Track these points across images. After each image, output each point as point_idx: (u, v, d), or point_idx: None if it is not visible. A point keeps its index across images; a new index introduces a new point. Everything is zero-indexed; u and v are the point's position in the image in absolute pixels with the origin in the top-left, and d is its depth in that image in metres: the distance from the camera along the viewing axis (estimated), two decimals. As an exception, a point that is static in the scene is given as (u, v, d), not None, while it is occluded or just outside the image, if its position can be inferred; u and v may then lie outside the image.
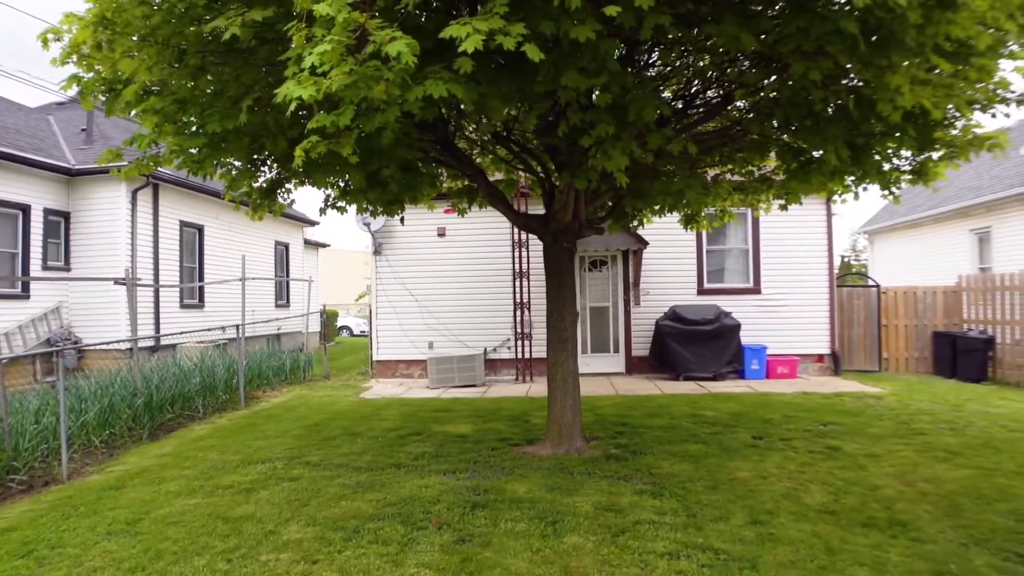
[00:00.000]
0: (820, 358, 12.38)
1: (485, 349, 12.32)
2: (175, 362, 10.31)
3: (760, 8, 3.56)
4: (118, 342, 8.79)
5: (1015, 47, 3.90)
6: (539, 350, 11.89)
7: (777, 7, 3.55)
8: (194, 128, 4.80)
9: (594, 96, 4.54)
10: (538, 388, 10.90)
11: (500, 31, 2.92)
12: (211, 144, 4.78)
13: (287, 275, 19.20)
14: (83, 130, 14.73)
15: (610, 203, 7.62)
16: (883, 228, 19.62)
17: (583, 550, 4.24)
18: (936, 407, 8.95)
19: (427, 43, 3.48)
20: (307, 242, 22.05)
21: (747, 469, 5.98)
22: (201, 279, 15.09)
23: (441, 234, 12.52)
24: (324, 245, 24.98)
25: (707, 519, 4.75)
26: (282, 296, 19.08)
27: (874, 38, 4.08)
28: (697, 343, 11.38)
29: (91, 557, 4.40)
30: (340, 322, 27.80)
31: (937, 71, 5.17)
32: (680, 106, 6.68)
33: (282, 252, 19.42)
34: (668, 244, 12.18)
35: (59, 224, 13.20)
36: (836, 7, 3.37)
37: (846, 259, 47.29)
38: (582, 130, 4.59)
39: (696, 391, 10.45)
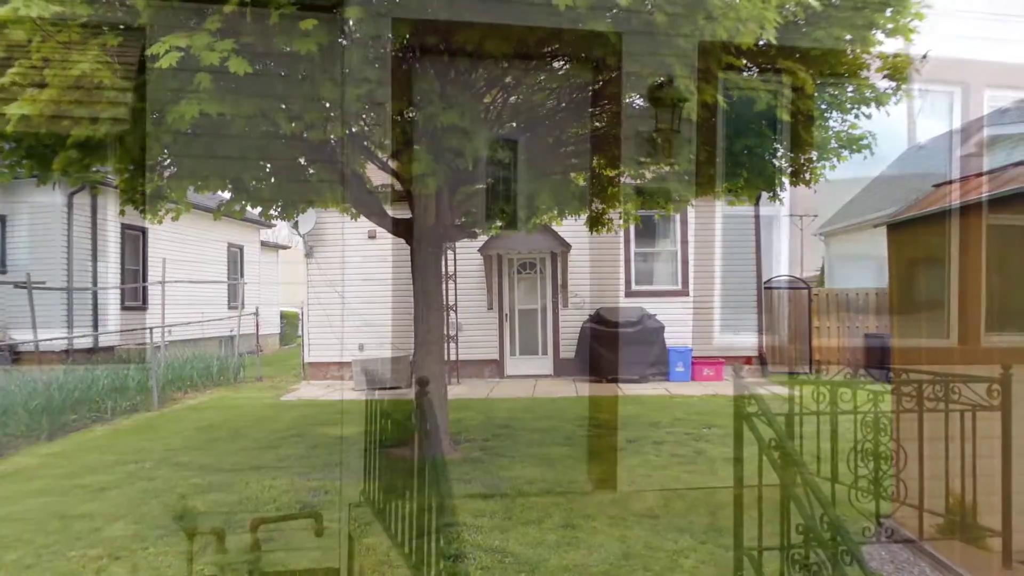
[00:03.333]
0: (748, 360, 12.43)
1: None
2: (93, 365, 10.40)
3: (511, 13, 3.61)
4: (26, 343, 8.85)
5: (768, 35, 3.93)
6: (465, 352, 12.07)
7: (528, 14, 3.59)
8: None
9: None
10: (459, 389, 10.95)
11: (207, 47, 2.98)
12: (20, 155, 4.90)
13: (241, 277, 19.24)
14: (27, 133, 14.79)
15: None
16: (837, 230, 19.62)
17: (375, 551, 4.31)
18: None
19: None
20: (266, 244, 22.10)
21: (597, 472, 6.04)
22: (145, 281, 15.17)
23: (372, 236, 12.58)
24: (284, 247, 24.98)
25: (520, 522, 4.80)
26: (236, 298, 19.12)
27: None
28: (620, 345, 11.43)
29: (-87, 554, 4.49)
30: (307, 323, 27.70)
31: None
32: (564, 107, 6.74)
33: (236, 254, 19.46)
34: (596, 246, 12.19)
35: (-6, 227, 13.30)
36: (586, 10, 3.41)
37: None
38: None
39: (609, 393, 10.50)
